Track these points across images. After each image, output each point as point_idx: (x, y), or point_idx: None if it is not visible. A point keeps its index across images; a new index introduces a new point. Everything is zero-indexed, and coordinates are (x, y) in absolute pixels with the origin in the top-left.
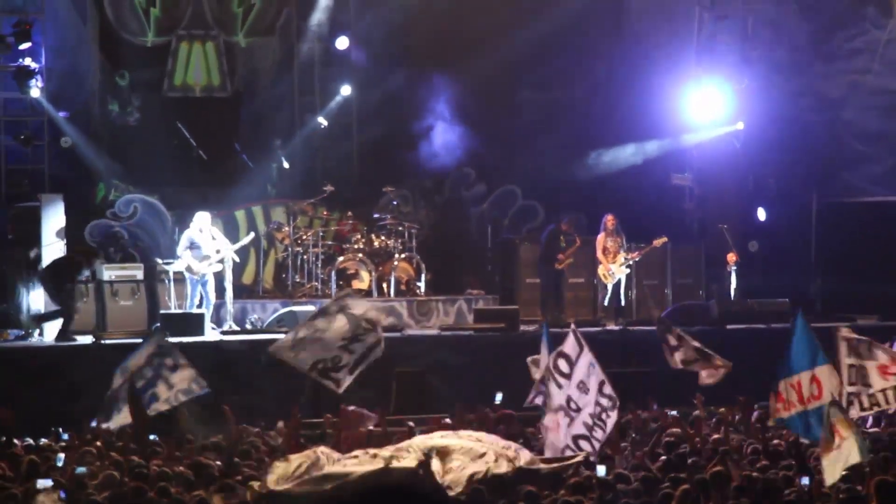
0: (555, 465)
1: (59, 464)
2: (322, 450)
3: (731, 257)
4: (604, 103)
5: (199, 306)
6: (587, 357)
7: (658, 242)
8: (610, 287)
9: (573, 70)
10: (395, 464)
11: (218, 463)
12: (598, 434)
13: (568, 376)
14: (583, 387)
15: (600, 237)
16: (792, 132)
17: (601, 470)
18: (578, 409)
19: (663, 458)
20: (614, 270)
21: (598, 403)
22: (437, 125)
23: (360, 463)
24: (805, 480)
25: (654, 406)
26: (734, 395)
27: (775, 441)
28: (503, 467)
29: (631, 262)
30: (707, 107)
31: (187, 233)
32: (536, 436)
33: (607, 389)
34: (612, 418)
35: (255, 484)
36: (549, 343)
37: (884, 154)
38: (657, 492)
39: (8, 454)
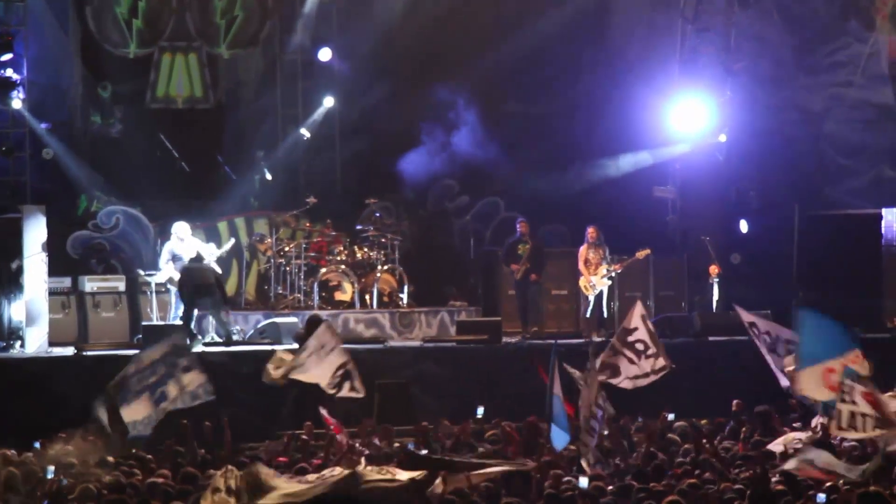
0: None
1: (49, 475)
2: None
3: (714, 269)
4: (587, 115)
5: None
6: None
7: (641, 254)
8: (592, 298)
9: (557, 82)
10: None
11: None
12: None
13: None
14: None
15: (582, 249)
16: (774, 145)
17: (584, 482)
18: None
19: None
20: (595, 282)
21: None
22: (420, 137)
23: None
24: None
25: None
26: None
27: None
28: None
29: (613, 274)
30: (690, 119)
31: (168, 245)
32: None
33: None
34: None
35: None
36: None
37: (865, 167)
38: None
39: None
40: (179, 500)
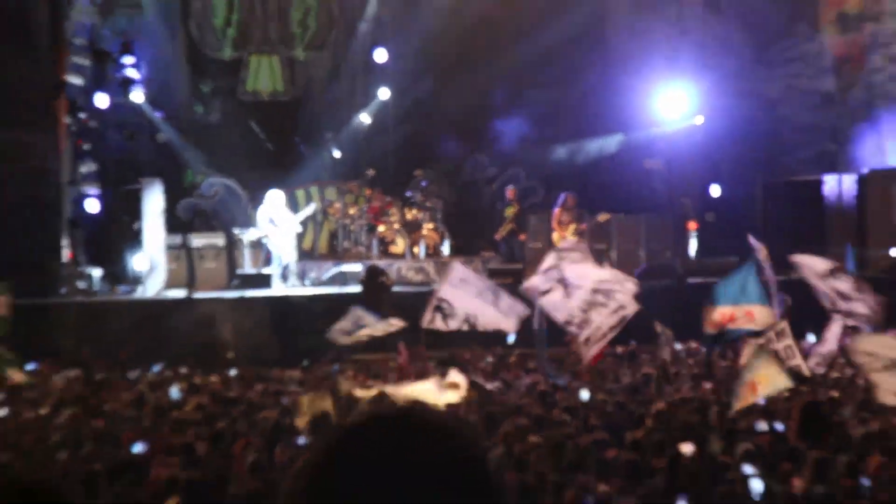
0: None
1: (175, 395)
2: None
3: (692, 225)
4: (592, 102)
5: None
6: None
7: (602, 218)
8: None
9: (567, 75)
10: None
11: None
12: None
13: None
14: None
15: (557, 211)
16: (740, 125)
17: (584, 394)
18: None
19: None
20: (566, 236)
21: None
22: (456, 121)
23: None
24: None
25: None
26: (695, 333)
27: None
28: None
29: (580, 232)
30: (673, 105)
31: (264, 209)
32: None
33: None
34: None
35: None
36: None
37: (813, 142)
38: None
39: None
40: None
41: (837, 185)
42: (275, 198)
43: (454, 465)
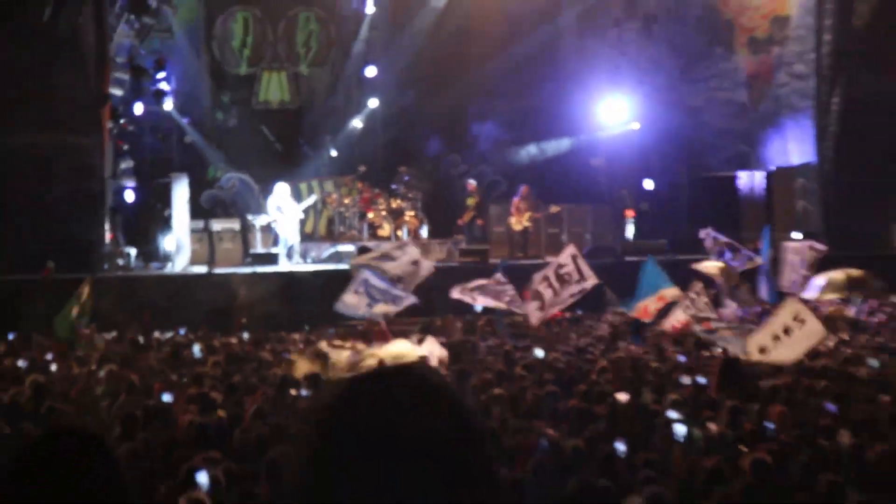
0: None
1: (197, 354)
2: (358, 345)
3: (629, 213)
4: (547, 110)
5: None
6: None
7: (553, 209)
8: (517, 231)
9: (527, 88)
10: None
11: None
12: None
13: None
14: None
15: (516, 200)
16: (669, 129)
17: (539, 353)
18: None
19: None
20: (522, 221)
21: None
22: (434, 126)
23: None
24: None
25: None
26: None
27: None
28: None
29: (534, 219)
30: (614, 112)
31: (273, 199)
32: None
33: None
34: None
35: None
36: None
37: (730, 144)
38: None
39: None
40: None
41: (750, 180)
42: (282, 189)
43: (452, 419)
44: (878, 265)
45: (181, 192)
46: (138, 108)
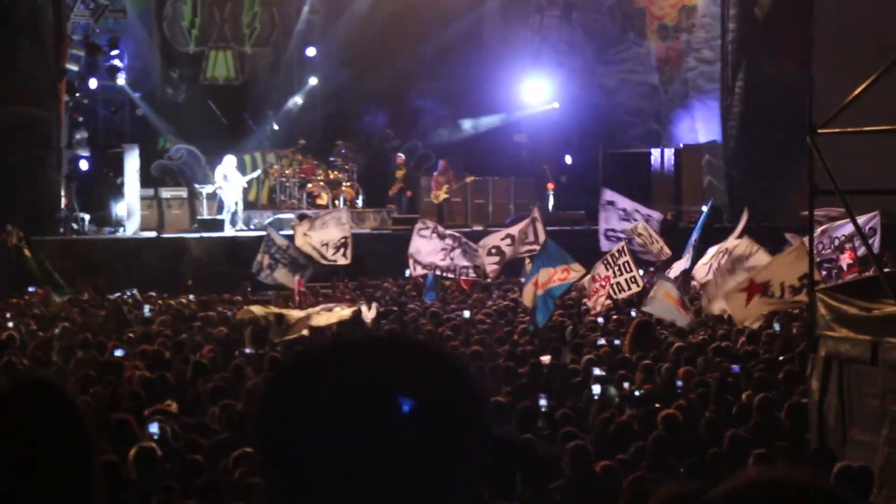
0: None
1: (147, 314)
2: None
3: (550, 185)
4: (475, 90)
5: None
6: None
7: (468, 179)
8: (438, 203)
9: (455, 68)
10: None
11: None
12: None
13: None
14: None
15: (436, 174)
16: (586, 108)
17: (466, 314)
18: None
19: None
20: (439, 194)
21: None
22: (369, 103)
23: (319, 315)
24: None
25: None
26: None
27: None
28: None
29: (451, 191)
30: (536, 93)
31: (220, 169)
32: None
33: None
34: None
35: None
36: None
37: (642, 123)
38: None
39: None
40: None
41: (661, 157)
42: (229, 161)
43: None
44: (778, 235)
45: (132, 161)
46: (93, 83)
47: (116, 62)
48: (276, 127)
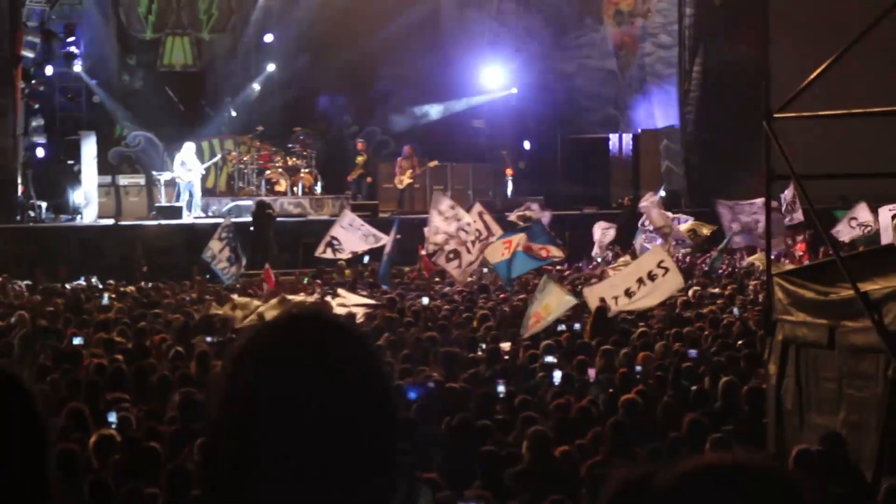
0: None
1: (105, 302)
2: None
3: (509, 171)
4: (434, 76)
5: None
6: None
7: (431, 164)
8: (401, 188)
9: (414, 55)
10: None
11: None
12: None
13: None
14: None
15: (399, 159)
16: (545, 94)
17: (425, 300)
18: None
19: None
20: (403, 179)
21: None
22: (327, 89)
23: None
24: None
25: None
26: None
27: None
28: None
29: (415, 176)
30: (494, 78)
31: (179, 156)
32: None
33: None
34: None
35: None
36: None
37: (600, 108)
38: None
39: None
40: None
41: (619, 141)
42: (188, 148)
43: (356, 358)
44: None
45: (89, 148)
46: (49, 70)
47: (73, 49)
48: (233, 113)
